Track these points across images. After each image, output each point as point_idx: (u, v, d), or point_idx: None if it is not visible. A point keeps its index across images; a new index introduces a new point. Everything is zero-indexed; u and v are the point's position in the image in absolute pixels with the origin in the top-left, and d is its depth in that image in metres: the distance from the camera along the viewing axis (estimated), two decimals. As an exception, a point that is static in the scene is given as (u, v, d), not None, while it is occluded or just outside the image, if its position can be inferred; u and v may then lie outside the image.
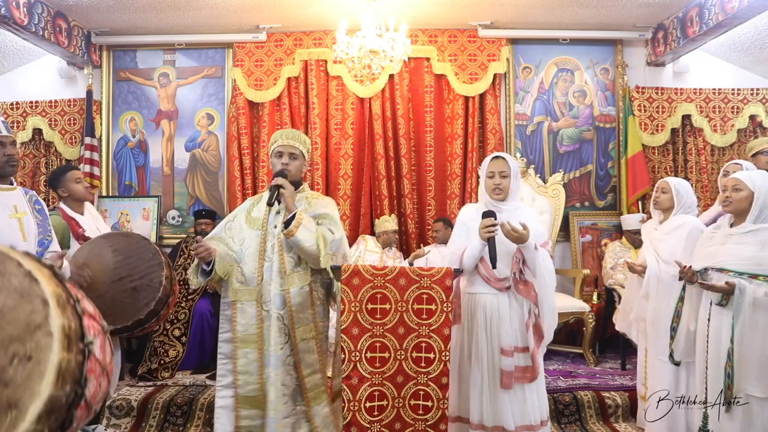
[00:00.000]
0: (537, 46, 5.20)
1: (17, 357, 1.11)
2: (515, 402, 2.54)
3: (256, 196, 2.76)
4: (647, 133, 5.14)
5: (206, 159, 5.23)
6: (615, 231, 5.09)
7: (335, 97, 5.11)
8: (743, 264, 2.46)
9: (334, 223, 2.58)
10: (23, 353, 1.11)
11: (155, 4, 4.47)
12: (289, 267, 2.51)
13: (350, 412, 2.40)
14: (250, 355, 2.50)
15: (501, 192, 2.64)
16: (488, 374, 2.55)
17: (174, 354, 4.14)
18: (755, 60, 5.09)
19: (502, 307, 2.58)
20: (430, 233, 5.02)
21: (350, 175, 5.09)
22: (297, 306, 2.50)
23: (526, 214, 2.67)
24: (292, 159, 2.60)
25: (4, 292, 1.18)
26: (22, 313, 1.16)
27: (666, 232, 3.04)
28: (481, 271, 2.62)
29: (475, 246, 2.57)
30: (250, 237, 2.58)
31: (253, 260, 2.54)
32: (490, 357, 2.56)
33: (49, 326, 1.13)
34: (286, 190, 2.47)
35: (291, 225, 2.41)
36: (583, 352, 4.38)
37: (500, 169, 2.64)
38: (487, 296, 2.61)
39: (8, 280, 1.20)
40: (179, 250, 4.62)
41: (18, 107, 5.15)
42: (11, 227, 2.22)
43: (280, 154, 2.60)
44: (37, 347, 1.12)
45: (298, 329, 2.50)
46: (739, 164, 3.23)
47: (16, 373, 1.10)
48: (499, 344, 2.55)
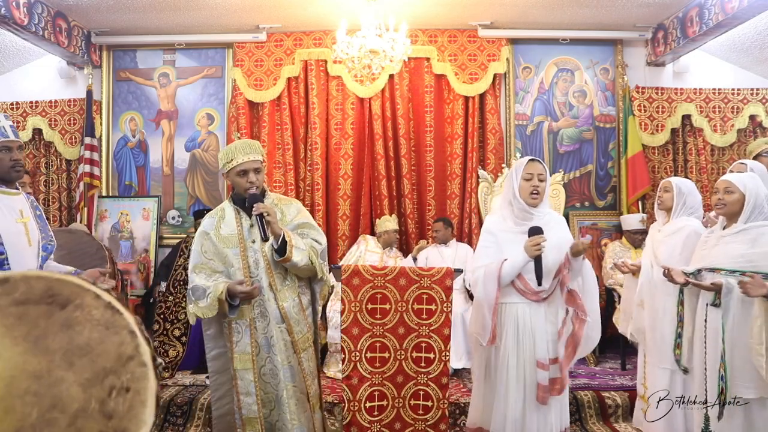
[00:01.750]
0: (537, 46, 5.20)
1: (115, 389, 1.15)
2: (540, 414, 2.45)
3: (216, 212, 2.59)
4: (647, 133, 5.13)
5: (206, 159, 5.23)
6: (615, 231, 5.09)
7: (335, 97, 5.11)
8: (735, 262, 2.47)
9: (317, 231, 2.54)
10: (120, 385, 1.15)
11: (155, 4, 4.46)
12: (278, 283, 2.45)
13: (350, 412, 2.40)
14: (247, 375, 2.45)
15: (538, 196, 2.48)
16: (517, 386, 2.45)
17: (174, 354, 4.14)
18: (755, 60, 5.08)
19: (538, 317, 2.46)
20: (430, 233, 5.01)
21: (350, 175, 5.08)
22: (294, 319, 2.46)
23: (555, 219, 2.58)
24: (256, 173, 2.46)
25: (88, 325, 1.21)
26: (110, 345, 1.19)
27: (667, 234, 3.02)
28: (517, 284, 2.47)
29: (518, 261, 2.42)
30: (229, 256, 2.48)
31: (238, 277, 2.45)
32: (521, 369, 2.45)
33: (142, 356, 1.18)
34: (270, 216, 2.35)
35: (286, 251, 2.34)
36: (583, 352, 4.38)
37: (539, 172, 2.48)
38: (519, 306, 2.47)
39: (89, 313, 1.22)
40: (179, 250, 4.61)
41: (18, 107, 5.15)
42: (18, 232, 2.22)
43: (244, 173, 2.44)
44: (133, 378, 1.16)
45: (299, 340, 2.47)
46: (744, 164, 3.17)
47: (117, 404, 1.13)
48: (533, 356, 2.43)
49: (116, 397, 1.14)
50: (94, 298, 1.24)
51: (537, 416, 2.44)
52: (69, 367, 1.16)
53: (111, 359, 1.18)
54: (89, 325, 1.21)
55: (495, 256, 2.48)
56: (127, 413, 1.13)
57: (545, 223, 2.49)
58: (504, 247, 2.47)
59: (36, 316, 1.20)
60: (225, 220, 2.52)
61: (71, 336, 1.19)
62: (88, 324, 1.21)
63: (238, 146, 2.47)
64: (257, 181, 2.45)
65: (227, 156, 2.46)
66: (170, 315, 4.27)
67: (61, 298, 1.23)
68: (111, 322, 1.22)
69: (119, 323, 1.22)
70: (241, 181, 2.45)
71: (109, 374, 1.16)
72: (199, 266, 2.50)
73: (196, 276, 2.46)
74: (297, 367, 2.45)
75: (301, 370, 2.45)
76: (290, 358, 2.44)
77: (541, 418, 2.44)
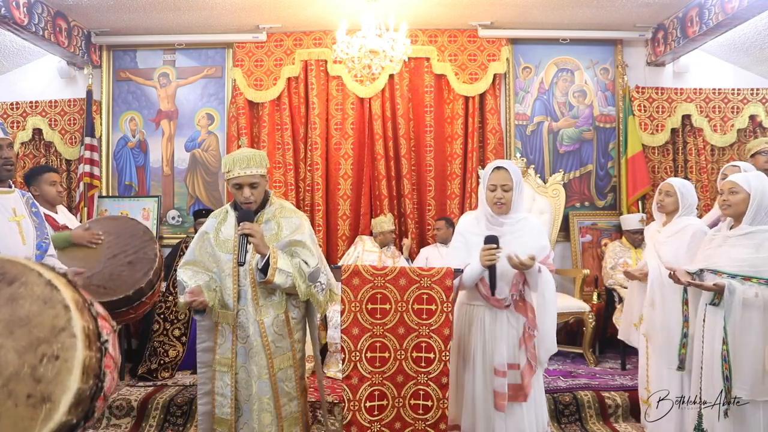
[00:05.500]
0: (537, 46, 5.20)
1: (46, 357, 1.26)
2: (510, 420, 2.43)
3: (220, 213, 2.59)
4: (647, 133, 5.14)
5: (206, 159, 5.23)
6: (615, 231, 5.09)
7: (335, 97, 5.11)
8: (737, 266, 2.46)
9: (308, 250, 2.44)
10: (51, 353, 1.27)
11: (155, 4, 4.47)
12: (262, 298, 2.43)
13: (350, 412, 2.40)
14: (225, 378, 2.47)
15: (503, 206, 2.50)
16: (482, 390, 2.46)
17: (174, 354, 4.14)
18: (755, 60, 5.09)
19: (500, 323, 2.47)
20: (430, 233, 5.02)
21: (350, 175, 5.08)
22: (273, 336, 2.43)
23: (529, 226, 2.55)
24: (252, 189, 2.41)
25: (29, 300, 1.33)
26: (46, 317, 1.31)
27: (669, 234, 3.01)
28: (481, 290, 2.48)
29: (474, 269, 2.43)
30: (222, 260, 2.48)
31: (228, 283, 2.46)
32: (485, 373, 2.46)
33: (72, 328, 1.29)
34: (255, 237, 2.29)
35: (268, 273, 2.31)
36: (583, 352, 4.38)
37: (502, 183, 2.48)
38: (483, 309, 2.50)
39: (31, 289, 1.35)
40: (179, 250, 4.62)
41: (18, 107, 5.15)
42: (11, 230, 2.21)
43: (239, 186, 2.40)
44: (62, 347, 1.27)
45: (275, 359, 2.44)
46: (737, 167, 3.20)
47: (46, 370, 1.25)
48: (491, 363, 2.45)
49: (46, 364, 1.26)
50: (37, 276, 1.37)
51: (506, 419, 2.42)
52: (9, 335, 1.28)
53: (45, 330, 1.30)
54: (30, 299, 1.34)
55: (463, 258, 2.51)
56: (54, 378, 1.24)
57: (516, 230, 2.49)
58: (472, 251, 2.48)
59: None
60: (226, 224, 2.53)
61: (14, 308, 1.32)
62: (29, 298, 1.34)
63: (236, 158, 2.42)
64: (252, 196, 2.41)
65: (225, 166, 2.44)
66: (170, 315, 4.27)
67: (9, 276, 1.37)
68: (49, 297, 1.34)
69: (56, 298, 1.34)
70: (237, 194, 2.44)
71: (42, 343, 1.28)
72: (189, 263, 2.54)
73: (183, 272, 2.52)
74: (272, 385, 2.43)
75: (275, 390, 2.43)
76: (267, 373, 2.43)
77: (511, 425, 2.42)
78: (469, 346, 2.53)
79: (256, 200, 2.44)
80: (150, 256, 2.84)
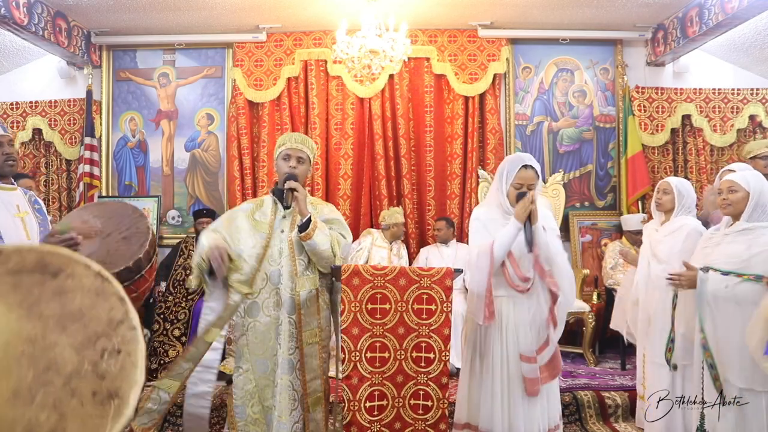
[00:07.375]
0: (537, 46, 5.20)
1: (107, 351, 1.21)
2: (526, 410, 2.46)
3: (256, 200, 2.69)
4: (647, 133, 5.14)
5: (206, 159, 5.23)
6: (615, 231, 5.09)
7: (335, 97, 5.11)
8: (730, 262, 2.47)
9: (344, 227, 2.58)
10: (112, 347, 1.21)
11: (155, 4, 4.47)
12: (300, 269, 2.46)
13: (350, 412, 2.40)
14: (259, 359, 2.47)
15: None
16: (503, 382, 2.48)
17: (174, 354, 4.14)
18: (755, 60, 5.09)
19: (521, 311, 2.50)
20: (430, 232, 5.02)
21: (350, 175, 5.09)
22: (306, 309, 2.46)
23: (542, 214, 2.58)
24: (299, 163, 2.55)
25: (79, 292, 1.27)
26: (102, 310, 1.25)
27: (666, 233, 3.03)
28: (508, 270, 2.49)
29: (510, 230, 2.44)
30: (252, 240, 2.50)
31: (250, 264, 2.47)
32: (505, 364, 2.48)
33: (131, 320, 1.24)
34: (299, 193, 2.43)
35: (308, 228, 2.39)
36: (583, 352, 4.38)
37: (529, 182, 2.51)
38: (503, 299, 2.51)
39: (80, 281, 1.28)
40: (179, 250, 4.62)
41: (18, 107, 5.15)
42: (16, 226, 2.22)
43: (287, 157, 2.55)
44: (123, 341, 1.22)
45: (305, 332, 2.46)
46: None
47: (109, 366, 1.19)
48: (516, 350, 2.46)
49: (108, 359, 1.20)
50: (85, 268, 1.30)
51: (523, 412, 2.45)
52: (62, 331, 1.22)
53: (102, 323, 1.23)
54: (80, 292, 1.26)
55: (486, 237, 2.53)
56: (119, 374, 1.18)
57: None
58: (492, 233, 2.52)
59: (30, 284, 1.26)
60: (261, 209, 2.59)
61: (63, 302, 1.25)
62: (79, 291, 1.26)
63: (292, 135, 2.64)
64: (296, 169, 2.53)
65: (281, 141, 2.62)
66: (170, 315, 4.27)
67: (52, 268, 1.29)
68: (101, 289, 1.27)
69: (109, 290, 1.28)
70: (283, 164, 2.55)
71: (101, 337, 1.22)
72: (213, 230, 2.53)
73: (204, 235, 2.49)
74: (298, 361, 2.44)
75: (302, 365, 2.44)
76: (293, 351, 2.44)
77: (527, 414, 2.46)
78: (488, 339, 2.53)
79: (299, 174, 2.53)
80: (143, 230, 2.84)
